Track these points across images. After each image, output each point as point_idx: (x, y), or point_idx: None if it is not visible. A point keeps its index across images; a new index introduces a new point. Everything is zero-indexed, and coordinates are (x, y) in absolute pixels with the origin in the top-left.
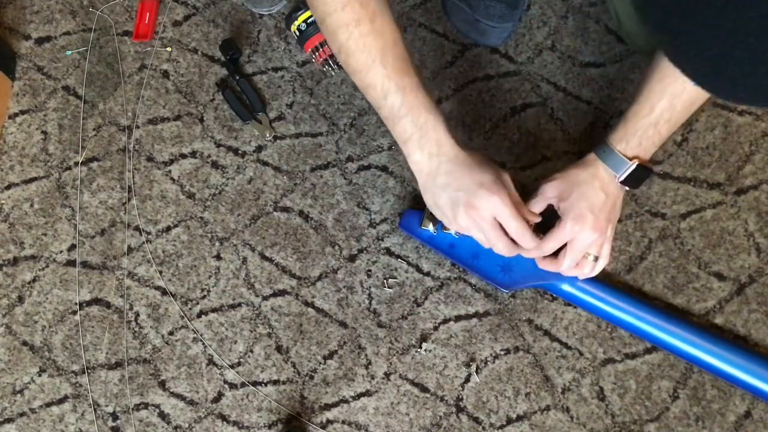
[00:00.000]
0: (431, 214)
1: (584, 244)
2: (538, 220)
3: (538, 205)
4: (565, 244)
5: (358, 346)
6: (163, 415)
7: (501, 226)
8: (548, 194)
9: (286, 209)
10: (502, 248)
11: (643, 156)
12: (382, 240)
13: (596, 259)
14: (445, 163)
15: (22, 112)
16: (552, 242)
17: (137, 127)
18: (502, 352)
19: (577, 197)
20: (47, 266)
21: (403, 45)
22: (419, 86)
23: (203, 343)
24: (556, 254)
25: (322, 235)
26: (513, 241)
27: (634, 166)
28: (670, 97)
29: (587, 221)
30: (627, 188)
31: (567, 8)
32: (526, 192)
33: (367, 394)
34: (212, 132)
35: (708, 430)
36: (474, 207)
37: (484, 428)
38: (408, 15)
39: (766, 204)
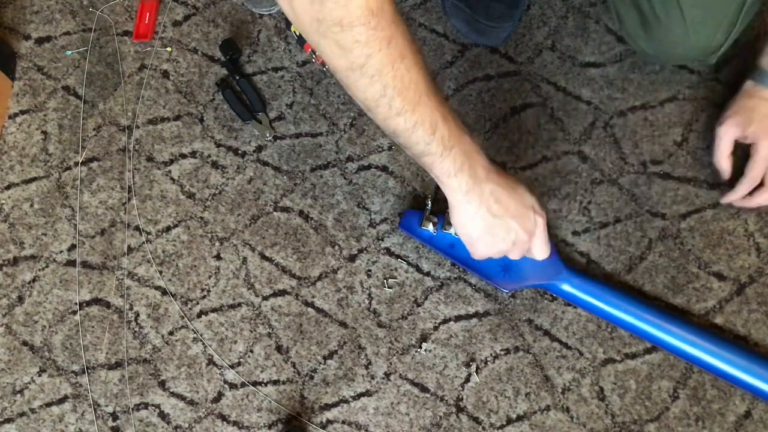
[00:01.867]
0: (431, 214)
1: None
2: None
3: (725, 151)
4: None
5: (358, 346)
6: (163, 415)
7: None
8: (729, 134)
9: (286, 209)
10: (545, 249)
11: None
12: (382, 240)
13: None
14: (495, 190)
15: (22, 112)
16: (748, 182)
17: (137, 127)
18: (502, 352)
19: (761, 118)
20: (47, 266)
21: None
22: (453, 112)
23: (203, 343)
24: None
25: (322, 235)
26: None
27: None
28: None
29: None
30: None
31: (567, 8)
32: None
33: (367, 394)
34: (212, 132)
35: (708, 430)
36: (526, 229)
37: (484, 428)
38: (408, 15)
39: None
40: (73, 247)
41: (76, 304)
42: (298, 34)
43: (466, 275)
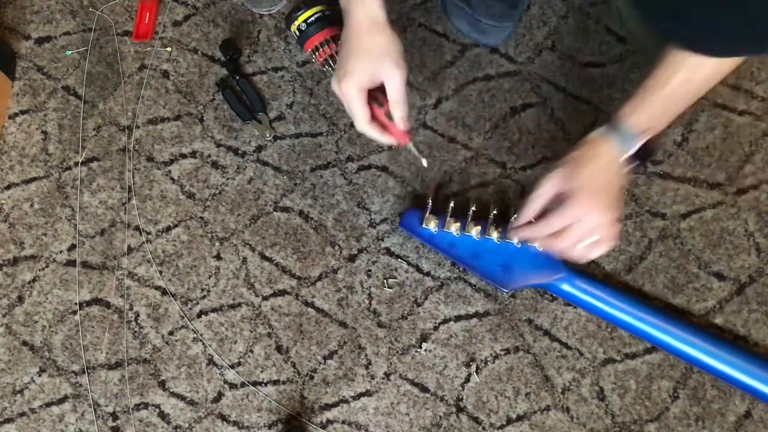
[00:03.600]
0: (432, 213)
1: (592, 225)
2: (404, 127)
3: (540, 199)
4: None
5: (358, 346)
6: (163, 415)
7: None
8: (552, 178)
9: (286, 209)
10: (357, 123)
11: (652, 132)
12: (382, 240)
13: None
14: (347, 27)
15: (22, 112)
16: (558, 221)
17: (137, 127)
18: (502, 352)
19: (586, 176)
20: (47, 266)
21: None
22: None
23: (203, 343)
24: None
25: (322, 235)
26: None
27: (641, 143)
28: (687, 70)
29: (599, 202)
30: (634, 165)
31: (567, 8)
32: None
33: (367, 394)
34: (212, 132)
35: (708, 430)
36: (333, 85)
37: (484, 428)
38: (408, 15)
39: (766, 204)
40: (73, 247)
41: (76, 304)
42: (298, 34)
43: (466, 275)
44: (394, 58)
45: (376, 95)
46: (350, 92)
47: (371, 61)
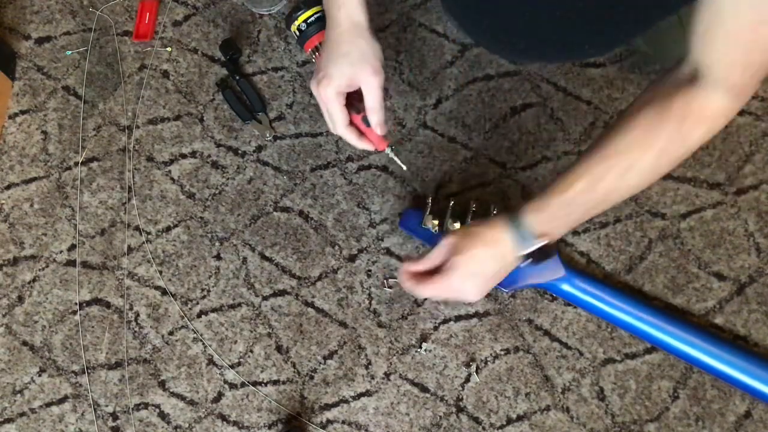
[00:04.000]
0: (431, 213)
1: (455, 298)
2: (382, 131)
3: (436, 255)
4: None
5: (358, 346)
6: (163, 415)
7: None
8: (446, 245)
9: (286, 209)
10: (332, 127)
11: (552, 235)
12: (382, 240)
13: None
14: (329, 29)
15: (22, 112)
16: (430, 287)
17: (137, 127)
18: (502, 352)
19: (469, 256)
20: (47, 266)
21: None
22: None
23: (203, 343)
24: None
25: (322, 235)
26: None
27: (538, 246)
28: (589, 180)
29: (474, 283)
30: (527, 262)
31: None
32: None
33: (367, 394)
34: (212, 132)
35: (708, 430)
36: (312, 87)
37: (484, 428)
38: (408, 15)
39: (766, 204)
40: (73, 247)
41: (76, 304)
42: (298, 34)
43: None
44: (373, 64)
45: (353, 101)
46: (328, 95)
47: (350, 65)
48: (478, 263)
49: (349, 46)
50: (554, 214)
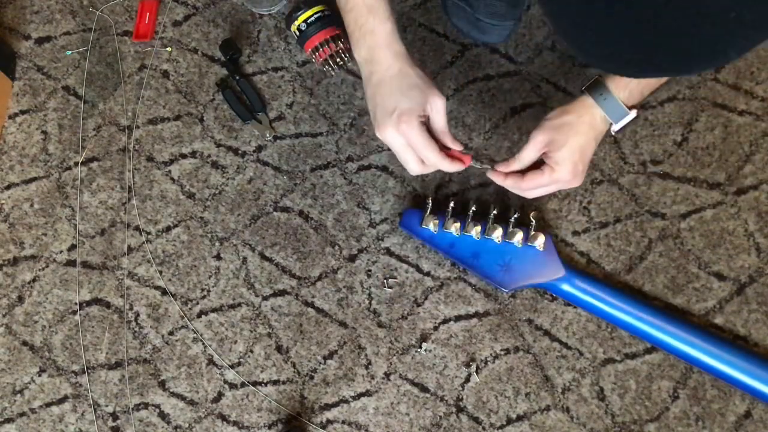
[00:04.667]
0: (432, 213)
1: (566, 187)
2: (459, 147)
3: (529, 155)
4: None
5: (358, 346)
6: (163, 415)
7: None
8: (539, 141)
9: (286, 209)
10: (412, 168)
11: (639, 103)
12: (382, 240)
13: None
14: (375, 74)
15: (22, 112)
16: (533, 183)
17: (137, 127)
18: (502, 352)
19: (572, 148)
20: (47, 266)
21: None
22: None
23: (203, 343)
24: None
25: (322, 235)
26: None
27: (633, 116)
28: None
29: (578, 171)
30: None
31: None
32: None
33: (367, 394)
34: (212, 132)
35: (708, 430)
36: (382, 131)
37: (484, 428)
38: (408, 15)
39: (766, 204)
40: (73, 247)
41: (76, 304)
42: (298, 34)
43: (466, 275)
44: (435, 86)
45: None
46: (412, 131)
47: (420, 93)
48: (581, 151)
49: (405, 77)
50: (644, 86)
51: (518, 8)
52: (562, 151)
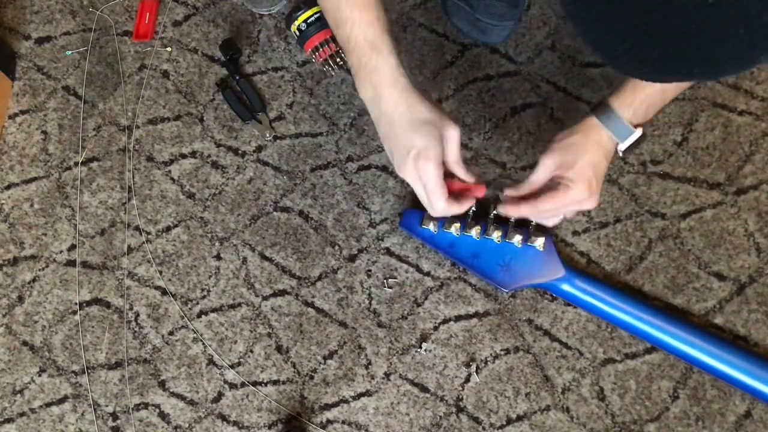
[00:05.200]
0: None
1: (581, 208)
2: (472, 180)
3: (539, 179)
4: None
5: (358, 346)
6: (163, 415)
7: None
8: (549, 164)
9: (286, 209)
10: (433, 209)
11: (644, 122)
12: (382, 240)
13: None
14: (384, 115)
15: (22, 112)
16: (549, 204)
17: (137, 127)
18: (502, 352)
19: (583, 166)
20: (47, 266)
21: None
22: (373, 23)
23: (203, 343)
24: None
25: (322, 235)
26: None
27: (638, 135)
28: None
29: (593, 189)
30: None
31: None
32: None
33: (367, 394)
34: (212, 132)
35: (708, 430)
36: (403, 171)
37: (484, 428)
38: (408, 15)
39: (766, 204)
40: (73, 247)
41: (76, 304)
42: (298, 34)
43: (466, 275)
44: (447, 116)
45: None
46: (429, 171)
47: (434, 128)
48: (593, 169)
49: (417, 113)
50: (649, 105)
51: (518, 8)
52: (575, 169)
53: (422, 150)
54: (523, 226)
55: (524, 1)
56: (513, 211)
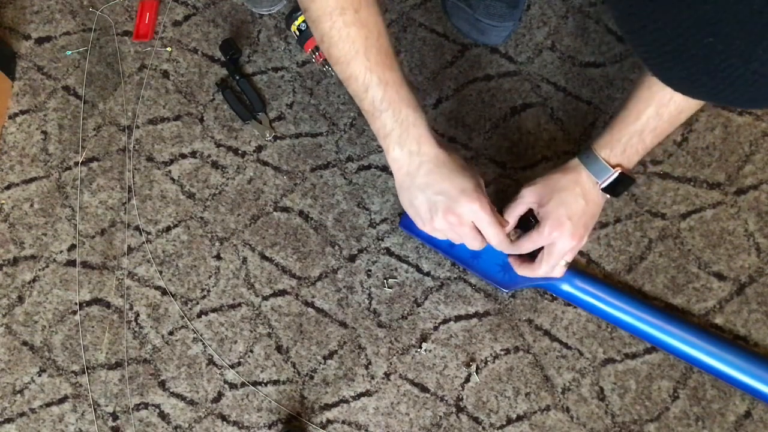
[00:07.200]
0: None
1: (561, 251)
2: (510, 226)
3: (517, 209)
4: (541, 248)
5: (358, 346)
6: (163, 415)
7: (477, 228)
8: (528, 199)
9: (286, 209)
10: (477, 246)
11: (627, 164)
12: (382, 240)
13: (566, 263)
14: (425, 163)
15: (22, 112)
16: (529, 243)
17: (137, 127)
18: (502, 352)
19: (556, 203)
20: (47, 266)
21: (388, 38)
22: (402, 82)
23: (203, 343)
24: (530, 257)
25: (322, 235)
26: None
27: (616, 175)
28: (657, 105)
29: (565, 228)
30: (608, 196)
31: (567, 8)
32: (506, 197)
33: (367, 394)
34: (212, 132)
35: (708, 430)
36: (454, 213)
37: (484, 428)
38: (408, 15)
39: (766, 204)
40: (73, 247)
41: (76, 304)
42: (298, 34)
43: (466, 275)
44: (466, 164)
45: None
46: (486, 203)
47: (471, 169)
48: (564, 206)
49: (454, 158)
50: (626, 145)
51: (518, 9)
52: (548, 206)
53: (475, 186)
54: (524, 226)
55: (524, 2)
56: (515, 264)
